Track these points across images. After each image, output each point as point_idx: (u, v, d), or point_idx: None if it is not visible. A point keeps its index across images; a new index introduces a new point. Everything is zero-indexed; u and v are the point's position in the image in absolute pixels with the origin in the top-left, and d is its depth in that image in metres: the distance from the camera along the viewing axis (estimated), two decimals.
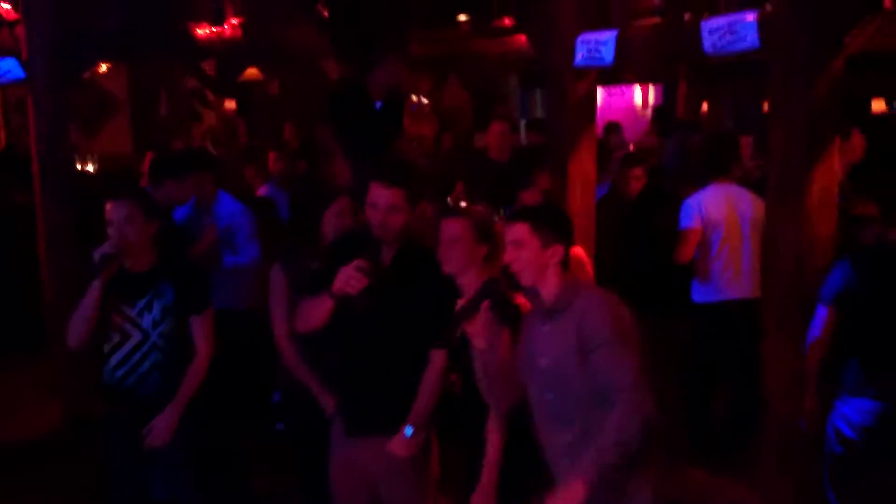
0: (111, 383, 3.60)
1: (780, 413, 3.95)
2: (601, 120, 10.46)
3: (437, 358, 3.25)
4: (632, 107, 13.43)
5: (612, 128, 9.72)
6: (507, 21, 8.80)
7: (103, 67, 11.09)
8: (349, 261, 3.07)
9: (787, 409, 3.90)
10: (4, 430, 5.75)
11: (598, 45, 4.77)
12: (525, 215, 2.87)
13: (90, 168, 9.69)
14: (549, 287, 2.81)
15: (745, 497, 4.41)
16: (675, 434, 5.00)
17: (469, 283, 3.09)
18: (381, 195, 3.19)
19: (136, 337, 3.55)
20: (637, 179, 5.53)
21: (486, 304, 2.81)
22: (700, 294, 5.00)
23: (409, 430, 3.21)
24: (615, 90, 13.46)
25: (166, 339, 3.56)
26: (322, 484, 3.51)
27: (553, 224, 2.85)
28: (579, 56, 4.85)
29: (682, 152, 8.10)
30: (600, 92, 13.72)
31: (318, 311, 3.18)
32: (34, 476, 5.12)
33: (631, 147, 9.33)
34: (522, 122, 13.64)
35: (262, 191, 6.27)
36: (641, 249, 5.27)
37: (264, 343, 4.08)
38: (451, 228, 3.14)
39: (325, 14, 7.00)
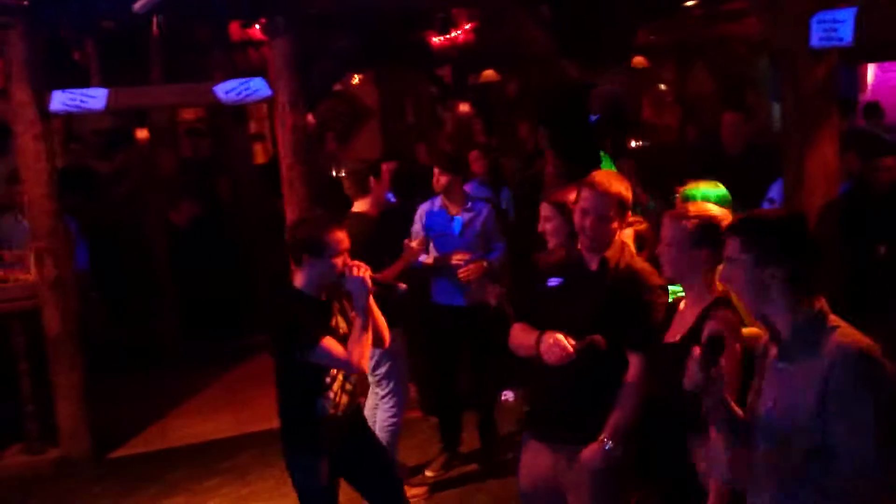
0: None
1: None
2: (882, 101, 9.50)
3: (636, 362, 3.10)
4: None
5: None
6: (738, 3, 8.24)
7: (356, 79, 11.81)
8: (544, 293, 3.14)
9: None
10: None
11: (835, 23, 4.32)
12: (738, 228, 2.45)
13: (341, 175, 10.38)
14: (780, 317, 2.36)
15: None
16: None
17: (692, 290, 2.95)
18: (592, 200, 3.16)
19: None
20: (888, 171, 4.92)
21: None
22: None
23: (606, 443, 3.08)
24: (888, 66, 12.15)
25: None
26: None
27: (773, 238, 2.36)
28: (816, 36, 4.41)
29: None
30: (873, 69, 12.51)
31: (524, 347, 3.24)
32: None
33: None
34: (775, 105, 12.74)
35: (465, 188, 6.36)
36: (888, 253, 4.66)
37: None
38: (666, 230, 2.99)
39: (547, 14, 6.90)
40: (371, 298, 3.61)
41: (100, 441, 6.21)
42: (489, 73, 10.61)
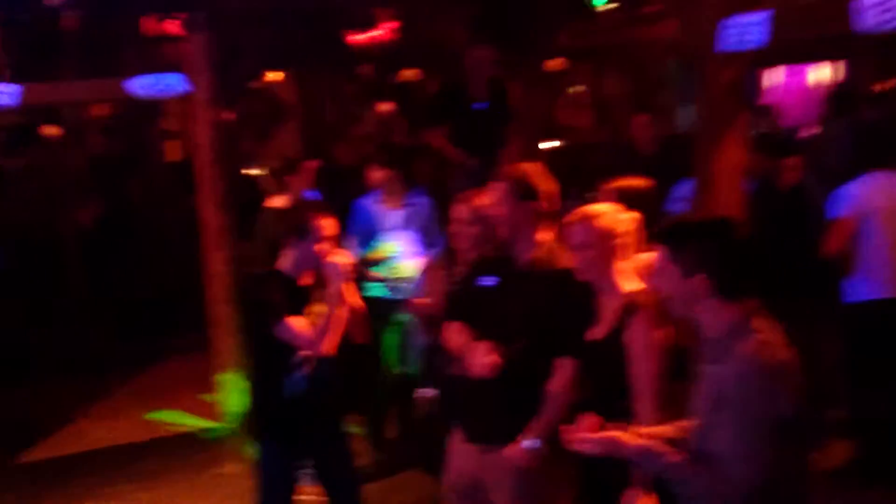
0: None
1: None
2: (783, 102, 9.87)
3: (564, 367, 3.14)
4: (807, 87, 12.58)
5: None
6: (654, 7, 8.49)
7: (275, 76, 11.68)
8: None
9: None
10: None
11: (748, 26, 4.50)
12: (665, 236, 2.41)
13: (262, 172, 10.25)
14: (707, 322, 2.35)
15: None
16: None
17: (606, 286, 2.99)
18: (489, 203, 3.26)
19: None
20: (792, 170, 5.15)
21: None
22: (854, 293, 4.62)
23: (528, 442, 3.13)
24: (798, 69, 12.67)
25: None
26: None
27: (700, 245, 2.33)
28: (727, 39, 4.59)
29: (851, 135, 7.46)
30: (780, 73, 13.03)
31: (455, 350, 3.34)
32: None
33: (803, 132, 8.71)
34: (683, 107, 13.14)
35: None
36: (792, 249, 4.86)
37: None
38: (577, 234, 3.02)
39: (476, 12, 7.00)
40: (351, 290, 3.63)
41: (5, 446, 6.03)
42: (410, 73, 10.63)
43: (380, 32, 8.78)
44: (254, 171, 9.61)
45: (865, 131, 5.97)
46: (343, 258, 3.59)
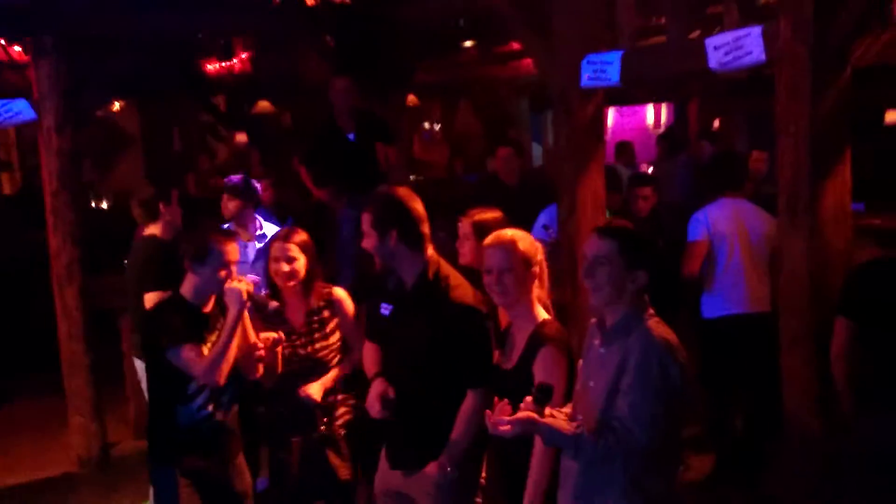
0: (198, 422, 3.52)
1: (799, 428, 3.88)
2: (614, 141, 10.48)
3: (474, 397, 3.12)
4: (644, 126, 13.40)
5: (623, 148, 9.67)
6: (515, 45, 8.80)
7: (116, 106, 11.25)
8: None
9: (807, 424, 3.83)
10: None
11: (604, 65, 4.76)
12: (614, 233, 2.67)
13: (104, 205, 9.81)
14: (614, 311, 2.64)
15: None
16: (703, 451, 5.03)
17: (518, 312, 3.02)
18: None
19: None
20: (646, 199, 5.48)
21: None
22: (710, 309, 4.95)
23: (444, 466, 3.13)
24: (627, 110, 13.46)
25: None
26: None
27: (643, 246, 2.68)
28: (585, 77, 4.83)
29: (691, 169, 8.02)
30: (612, 113, 13.79)
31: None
32: None
33: (644, 168, 9.28)
34: (534, 145, 13.69)
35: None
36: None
37: None
38: (495, 258, 3.00)
39: (331, 44, 7.00)
40: (248, 321, 3.54)
41: None
42: (264, 104, 10.52)
43: (235, 62, 8.63)
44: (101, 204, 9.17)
45: (711, 164, 6.42)
46: (243, 285, 3.47)
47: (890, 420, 3.42)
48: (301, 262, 3.83)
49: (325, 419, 3.84)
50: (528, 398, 2.55)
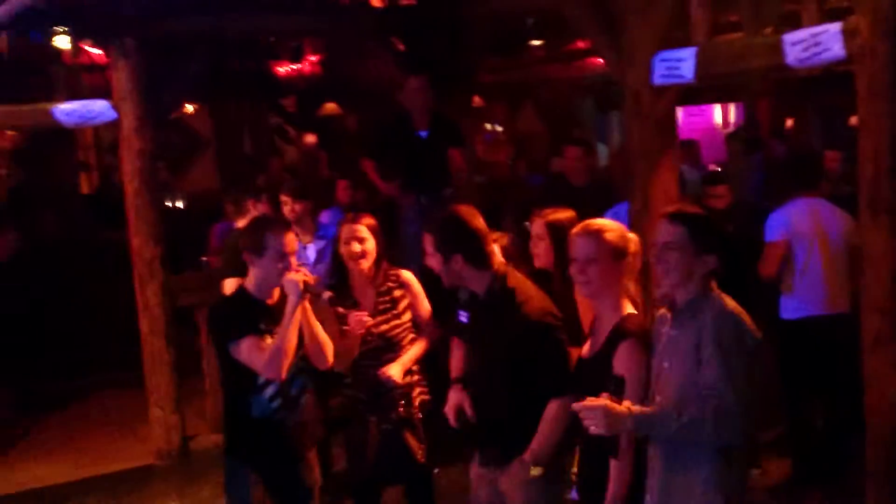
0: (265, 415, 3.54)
1: (882, 432, 3.80)
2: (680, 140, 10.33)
3: (556, 405, 3.10)
4: (712, 126, 13.19)
5: (688, 147, 9.51)
6: (581, 43, 8.74)
7: (190, 108, 11.53)
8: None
9: (889, 425, 3.75)
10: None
11: (677, 62, 4.71)
12: (684, 219, 2.71)
13: (179, 204, 10.06)
14: (683, 292, 2.71)
15: None
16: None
17: (605, 304, 2.96)
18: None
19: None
20: (719, 198, 5.41)
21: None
22: (788, 311, 4.88)
23: (526, 465, 3.15)
24: (694, 110, 13.27)
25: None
26: None
27: (713, 231, 2.75)
28: (658, 74, 4.79)
29: (766, 169, 7.89)
30: (679, 112, 13.59)
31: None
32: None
33: (713, 168, 9.14)
34: (599, 146, 13.59)
35: (324, 217, 6.41)
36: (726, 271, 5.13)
37: None
38: (583, 247, 2.91)
39: (401, 46, 7.07)
40: (310, 313, 3.54)
41: None
42: (331, 107, 10.66)
43: (304, 65, 8.77)
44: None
45: (786, 163, 6.32)
46: (299, 276, 3.46)
47: None
48: (371, 244, 3.88)
49: (402, 402, 3.86)
50: (605, 393, 2.58)
